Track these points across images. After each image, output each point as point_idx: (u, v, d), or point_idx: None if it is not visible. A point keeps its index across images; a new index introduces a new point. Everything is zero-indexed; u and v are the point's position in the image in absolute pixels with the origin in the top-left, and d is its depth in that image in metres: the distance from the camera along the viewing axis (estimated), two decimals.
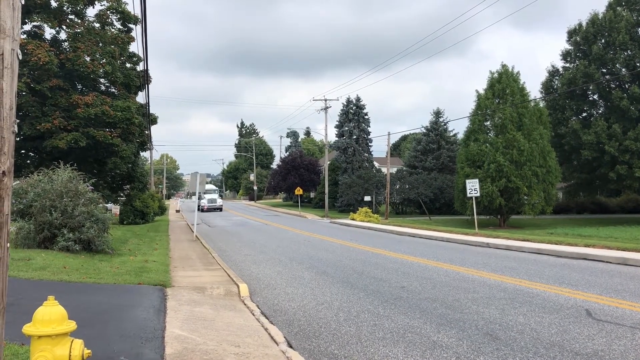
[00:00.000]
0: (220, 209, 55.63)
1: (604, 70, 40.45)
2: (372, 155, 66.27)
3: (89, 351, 3.73)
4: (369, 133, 64.63)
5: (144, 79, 28.75)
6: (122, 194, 34.24)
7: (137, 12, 29.41)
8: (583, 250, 16.22)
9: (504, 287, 10.63)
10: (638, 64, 37.97)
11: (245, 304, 9.29)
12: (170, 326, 6.91)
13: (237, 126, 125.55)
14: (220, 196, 63.27)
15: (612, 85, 40.99)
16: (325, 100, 50.64)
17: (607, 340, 6.67)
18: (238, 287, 10.40)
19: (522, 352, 6.23)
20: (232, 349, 6.19)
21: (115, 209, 36.56)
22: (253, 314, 8.49)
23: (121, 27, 26.99)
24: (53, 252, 12.75)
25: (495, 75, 38.67)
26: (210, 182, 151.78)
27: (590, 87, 40.78)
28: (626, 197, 54.81)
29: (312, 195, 70.58)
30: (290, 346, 6.67)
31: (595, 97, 43.23)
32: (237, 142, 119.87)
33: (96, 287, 9.31)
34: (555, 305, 8.75)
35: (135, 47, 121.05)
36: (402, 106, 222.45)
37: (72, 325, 3.68)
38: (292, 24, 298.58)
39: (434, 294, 9.95)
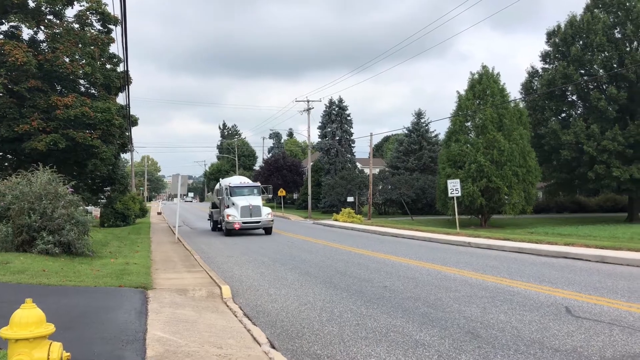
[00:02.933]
0: (268, 230, 26.82)
1: (582, 72, 41.05)
2: (354, 156, 66.49)
3: (68, 354, 3.68)
4: (351, 134, 64.85)
5: (125, 80, 28.50)
6: (102, 196, 33.93)
7: (117, 13, 29.14)
8: (563, 249, 16.44)
9: (486, 285, 10.72)
10: (615, 65, 38.60)
11: (227, 306, 9.25)
12: (151, 328, 6.85)
13: (219, 127, 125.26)
14: (269, 200, 31.42)
15: (590, 86, 41.61)
16: (308, 101, 50.72)
17: (586, 336, 6.76)
18: (220, 288, 10.35)
19: (503, 350, 6.28)
20: (215, 350, 6.16)
21: (96, 211, 36.21)
22: (235, 316, 8.45)
23: (101, 28, 26.72)
24: (32, 255, 12.56)
25: (476, 76, 39.07)
26: (192, 184, 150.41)
27: (569, 88, 41.36)
28: (604, 196, 55.73)
29: (295, 196, 70.58)
30: (273, 347, 6.66)
31: (574, 97, 43.88)
32: (219, 144, 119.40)
33: (76, 290, 9.19)
34: (536, 303, 8.84)
35: (115, 48, 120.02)
36: (384, 107, 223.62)
37: (50, 328, 3.64)
38: (273, 24, 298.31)
39: (416, 293, 10.00)
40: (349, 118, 64.80)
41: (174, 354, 5.82)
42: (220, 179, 30.76)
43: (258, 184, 29.89)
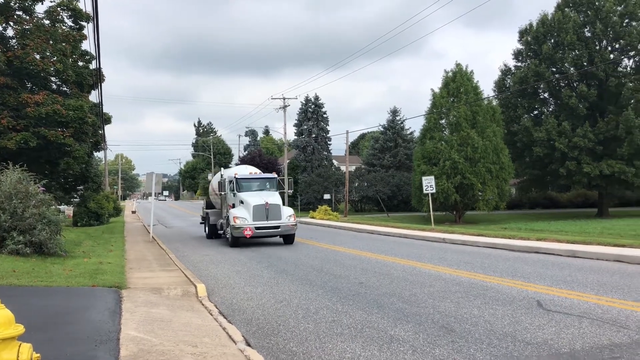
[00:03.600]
0: (289, 238, 20.34)
1: (554, 69, 41.79)
2: (331, 153, 66.63)
3: (38, 355, 3.63)
4: (327, 132, 64.97)
5: (97, 78, 28.06)
6: (75, 195, 33.37)
7: (89, 9, 28.68)
8: (535, 244, 16.71)
9: (459, 280, 10.86)
10: (585, 64, 39.35)
11: (203, 304, 9.20)
12: (125, 328, 6.79)
13: (194, 125, 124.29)
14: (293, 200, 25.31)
15: (561, 84, 42.40)
16: (284, 98, 50.61)
17: (556, 329, 6.90)
18: (195, 287, 10.29)
19: (477, 344, 6.38)
20: (189, 349, 6.13)
21: (69, 210, 35.64)
22: (211, 314, 8.42)
23: (72, 25, 26.21)
24: (2, 255, 12.31)
25: (450, 74, 39.47)
26: (167, 183, 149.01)
27: (541, 86, 42.05)
28: (575, 192, 56.83)
29: None
30: (249, 344, 6.65)
31: (546, 95, 44.67)
32: (194, 142, 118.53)
33: (48, 290, 9.05)
34: (508, 298, 8.99)
35: (87, 45, 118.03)
36: (360, 105, 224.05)
37: (19, 329, 3.58)
38: (248, 21, 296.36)
39: (392, 289, 10.08)
40: (325, 116, 64.92)
41: (148, 353, 5.77)
42: (222, 169, 24.29)
43: (274, 175, 23.07)
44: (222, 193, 21.55)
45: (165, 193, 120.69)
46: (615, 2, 39.16)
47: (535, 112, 45.29)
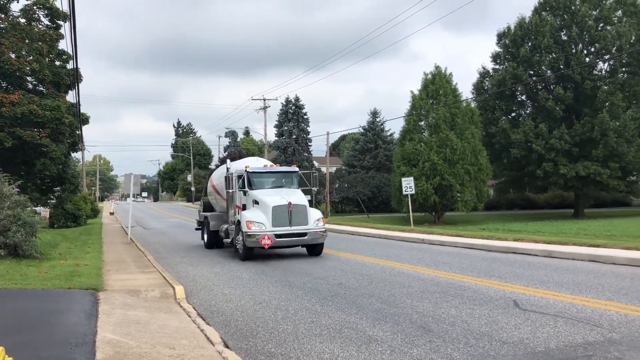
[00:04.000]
0: (316, 248, 16.19)
1: (531, 72, 42.33)
2: (311, 154, 66.60)
3: (11, 358, 3.59)
4: (308, 133, 64.95)
5: (75, 77, 27.72)
6: (52, 197, 32.93)
7: (66, 8, 28.33)
8: (512, 245, 16.91)
9: (438, 281, 10.94)
10: (562, 67, 39.94)
11: (181, 306, 9.14)
12: (102, 330, 6.72)
13: (174, 126, 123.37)
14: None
15: (538, 87, 42.98)
16: (264, 99, 50.56)
17: (532, 328, 6.99)
18: (174, 289, 10.22)
19: (454, 343, 6.44)
20: (167, 351, 6.09)
21: (45, 212, 35.12)
22: (189, 316, 8.36)
23: (49, 24, 25.91)
24: None
25: (429, 76, 39.73)
26: (146, 184, 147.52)
27: (519, 88, 42.58)
28: (552, 193, 57.61)
29: None
30: (227, 346, 6.62)
31: (524, 97, 45.24)
32: (173, 143, 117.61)
33: (22, 293, 8.91)
34: (486, 297, 9.09)
35: (64, 45, 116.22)
36: (340, 106, 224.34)
37: None
38: (228, 22, 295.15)
39: (370, 289, 10.12)
40: (305, 117, 64.90)
41: (125, 355, 5.72)
42: (228, 161, 18.87)
43: (295, 168, 18.81)
44: (229, 191, 17.25)
45: (144, 194, 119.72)
46: (591, 6, 39.82)
47: (513, 114, 45.84)
